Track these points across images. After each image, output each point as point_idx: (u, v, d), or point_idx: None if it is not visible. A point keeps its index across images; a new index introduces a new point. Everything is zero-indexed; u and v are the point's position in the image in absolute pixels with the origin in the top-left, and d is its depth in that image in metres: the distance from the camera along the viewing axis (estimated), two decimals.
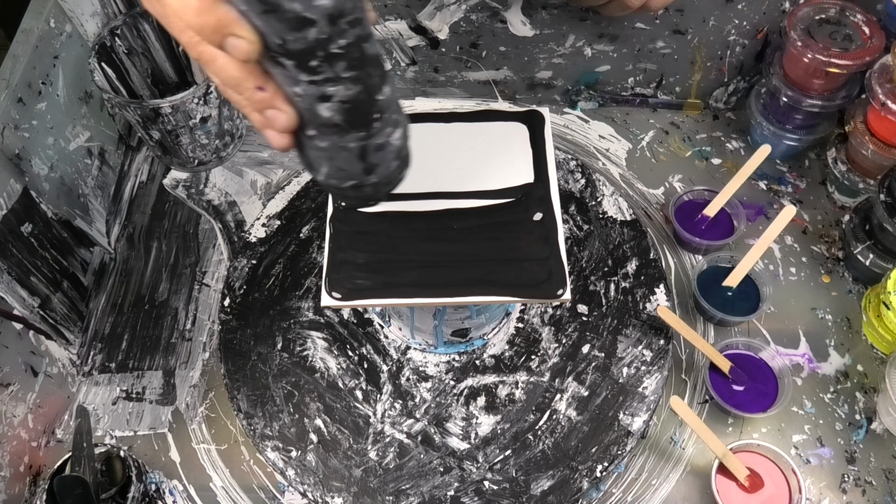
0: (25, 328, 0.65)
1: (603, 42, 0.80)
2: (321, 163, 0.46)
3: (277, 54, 0.39)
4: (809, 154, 0.82)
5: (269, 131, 0.43)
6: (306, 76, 0.40)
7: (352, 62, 0.40)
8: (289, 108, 0.42)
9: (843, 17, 0.71)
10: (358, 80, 0.41)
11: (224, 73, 0.40)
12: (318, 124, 0.43)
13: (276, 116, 0.42)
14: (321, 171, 0.47)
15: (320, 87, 0.40)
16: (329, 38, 0.38)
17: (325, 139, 0.44)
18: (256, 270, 0.72)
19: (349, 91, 0.41)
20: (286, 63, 0.39)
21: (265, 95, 0.41)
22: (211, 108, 0.76)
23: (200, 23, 0.38)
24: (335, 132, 0.43)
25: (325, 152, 0.45)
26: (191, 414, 0.68)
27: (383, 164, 0.47)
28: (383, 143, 0.45)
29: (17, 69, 0.66)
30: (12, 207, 0.64)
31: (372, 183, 0.47)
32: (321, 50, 0.38)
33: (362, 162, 0.45)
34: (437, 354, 0.67)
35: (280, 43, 0.38)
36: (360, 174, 0.46)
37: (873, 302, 0.67)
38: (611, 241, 0.73)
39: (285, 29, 0.37)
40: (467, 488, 0.61)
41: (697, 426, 0.60)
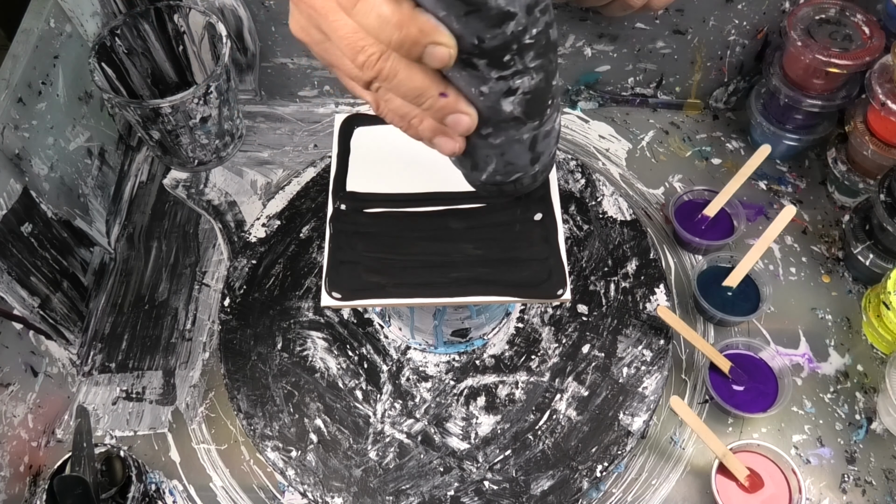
0: (25, 328, 0.65)
1: (603, 42, 0.80)
2: (490, 161, 0.44)
3: (471, 55, 0.38)
4: (809, 154, 0.82)
5: (442, 138, 0.42)
6: (497, 73, 0.38)
7: (539, 50, 0.39)
8: (472, 109, 0.41)
9: (843, 17, 0.71)
10: (542, 68, 0.40)
11: (406, 86, 0.39)
12: (498, 121, 0.41)
13: (459, 120, 0.41)
14: (487, 169, 0.45)
15: (508, 81, 0.39)
16: (525, 29, 0.37)
17: (500, 135, 0.42)
18: (256, 270, 0.72)
19: (533, 80, 0.40)
20: (478, 63, 0.38)
21: (449, 101, 0.40)
22: (211, 108, 0.76)
23: (402, 36, 0.36)
24: (513, 125, 0.42)
25: (497, 149, 0.43)
26: (191, 414, 0.68)
27: (546, 151, 0.45)
28: (549, 130, 0.44)
29: (17, 69, 0.66)
30: (12, 207, 0.64)
31: (534, 173, 0.46)
32: (516, 43, 0.37)
33: (531, 152, 0.44)
34: (437, 354, 0.67)
35: (476, 43, 0.37)
36: (526, 165, 0.45)
37: (873, 302, 0.67)
38: (611, 241, 0.73)
39: (485, 27, 0.36)
40: (467, 488, 0.61)
41: (697, 426, 0.60)
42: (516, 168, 0.45)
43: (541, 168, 0.47)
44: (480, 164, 0.45)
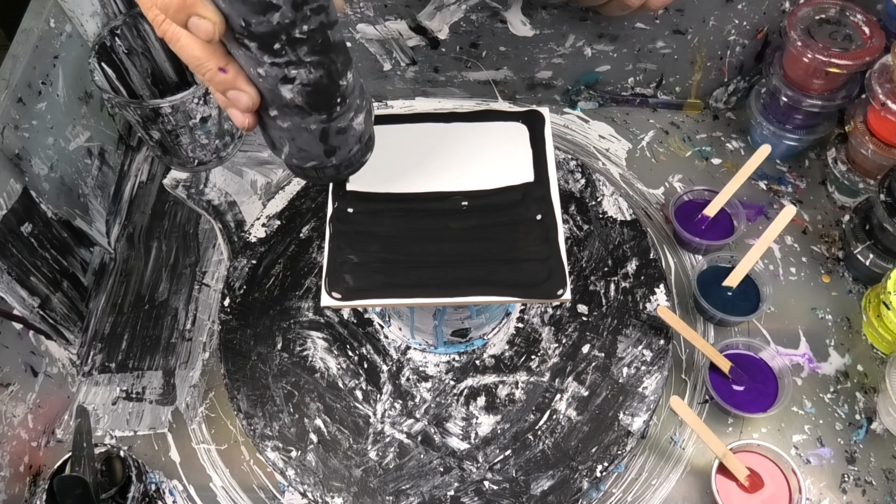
0: (25, 328, 0.65)
1: (603, 42, 0.80)
2: (283, 143, 0.47)
3: (241, 36, 0.40)
4: (809, 154, 0.82)
5: (233, 110, 0.45)
6: (269, 58, 0.41)
7: (315, 47, 0.41)
8: (251, 88, 0.43)
9: (843, 17, 0.71)
10: (321, 64, 0.42)
11: (187, 52, 0.41)
12: (281, 105, 0.44)
13: (238, 97, 0.43)
14: (283, 150, 0.48)
15: (283, 69, 0.41)
16: (292, 22, 0.39)
17: (286, 120, 0.45)
18: (256, 270, 0.72)
19: (311, 75, 0.42)
20: (250, 45, 0.40)
21: (227, 77, 0.42)
22: (211, 108, 0.76)
23: (165, 1, 0.39)
24: (297, 114, 0.44)
25: (286, 133, 0.46)
26: (191, 414, 0.68)
27: (344, 147, 0.48)
28: (345, 127, 0.47)
29: (17, 69, 0.66)
30: (12, 207, 0.64)
31: (333, 165, 0.49)
32: (284, 34, 0.40)
33: (323, 144, 0.47)
34: (437, 354, 0.67)
35: (244, 25, 0.39)
36: (321, 156, 0.48)
37: (873, 302, 0.67)
38: (611, 241, 0.73)
39: (249, 12, 0.38)
40: (467, 488, 0.61)
41: (697, 426, 0.60)
42: (310, 155, 0.48)
43: (340, 162, 0.49)
44: (276, 143, 0.48)
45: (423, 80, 0.86)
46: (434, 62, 0.84)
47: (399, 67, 0.85)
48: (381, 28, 0.80)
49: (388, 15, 0.78)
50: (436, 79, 0.86)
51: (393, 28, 0.80)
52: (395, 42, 0.82)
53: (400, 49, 0.82)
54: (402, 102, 0.88)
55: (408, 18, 0.79)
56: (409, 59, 0.84)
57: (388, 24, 0.79)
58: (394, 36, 0.81)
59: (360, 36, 0.81)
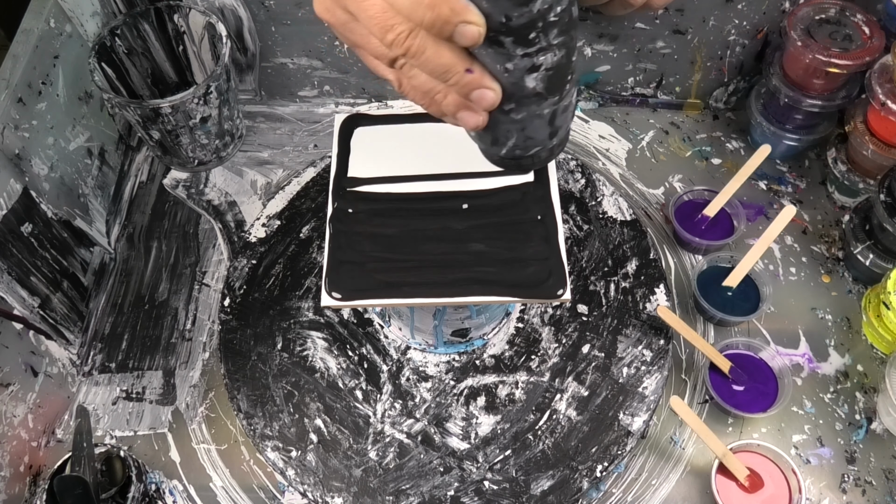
0: (25, 328, 0.65)
1: (603, 42, 0.80)
2: (511, 135, 0.45)
3: (498, 33, 0.39)
4: (809, 154, 0.82)
5: (466, 113, 0.43)
6: (522, 50, 0.39)
7: (562, 27, 0.40)
8: (497, 84, 0.42)
9: (843, 17, 0.71)
10: (564, 44, 0.41)
11: (434, 62, 0.40)
12: (521, 96, 0.42)
13: (483, 96, 0.42)
14: (507, 144, 0.46)
15: (533, 58, 0.40)
16: (550, 6, 0.38)
17: (522, 110, 0.43)
18: (256, 270, 0.72)
19: (555, 57, 0.41)
20: (505, 40, 0.39)
21: (474, 76, 0.41)
22: (211, 108, 0.76)
23: (434, 16, 0.38)
24: (535, 101, 0.43)
25: (518, 124, 0.44)
26: (191, 414, 0.68)
27: (564, 125, 0.47)
28: (568, 104, 0.45)
29: (17, 69, 0.66)
30: (12, 207, 0.64)
31: (550, 147, 0.47)
32: (542, 20, 0.38)
33: (550, 127, 0.45)
34: (437, 354, 0.67)
35: (503, 21, 0.38)
36: (545, 139, 0.46)
37: (873, 302, 0.67)
38: (611, 241, 0.73)
39: (513, 6, 0.37)
40: (467, 488, 0.61)
41: (697, 426, 0.60)
42: (535, 142, 0.46)
43: (557, 142, 0.48)
44: (501, 138, 0.46)
45: None
46: None
47: None
48: None
49: None
50: None
51: None
52: None
53: None
54: (403, 102, 0.88)
55: None
56: None
57: None
58: None
59: None
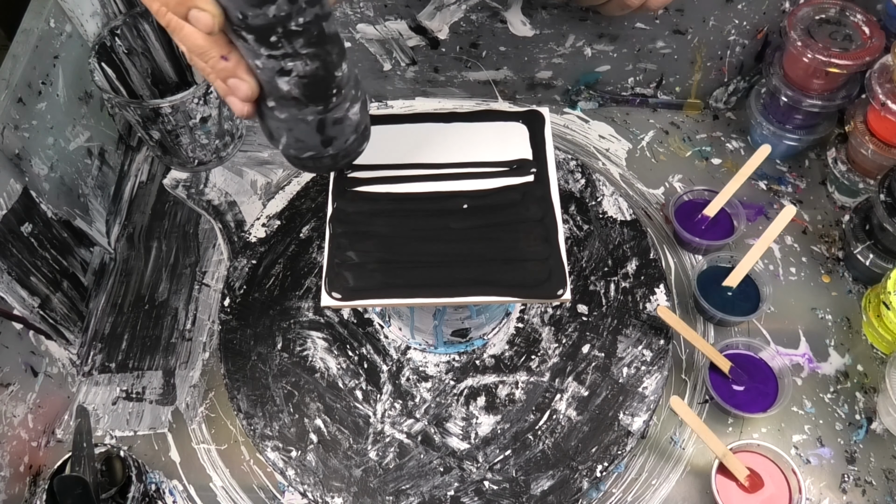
0: (25, 328, 0.65)
1: (603, 42, 0.80)
2: (281, 133, 0.48)
3: (239, 28, 0.41)
4: (809, 154, 0.82)
5: (232, 98, 0.45)
6: (266, 50, 0.42)
7: (310, 39, 0.42)
8: (250, 78, 0.44)
9: (843, 17, 0.71)
10: (316, 56, 0.43)
11: (190, 41, 0.42)
12: (278, 97, 0.45)
13: (237, 85, 0.44)
14: (281, 141, 0.49)
15: (279, 61, 0.42)
16: (288, 15, 0.40)
17: (284, 111, 0.46)
18: (256, 270, 0.72)
19: (307, 67, 0.43)
20: (247, 37, 0.41)
21: (228, 65, 0.43)
22: (211, 108, 0.76)
23: None
24: (294, 105, 0.45)
25: (284, 123, 0.47)
26: (191, 414, 0.68)
27: (341, 138, 0.49)
28: (341, 118, 0.48)
29: (17, 69, 0.66)
30: (12, 207, 0.64)
31: (330, 155, 0.50)
32: (281, 26, 0.40)
33: (320, 134, 0.48)
34: (437, 354, 0.67)
35: (241, 18, 0.40)
36: (318, 146, 0.49)
37: (873, 302, 0.67)
38: (611, 241, 0.73)
39: (246, 5, 0.39)
40: (467, 488, 0.61)
41: (697, 426, 0.60)
42: (307, 146, 0.49)
43: (336, 151, 0.50)
44: (274, 134, 0.49)
45: (423, 80, 0.86)
46: (434, 62, 0.84)
47: (399, 67, 0.85)
48: (381, 28, 0.80)
49: (388, 15, 0.78)
50: (436, 79, 0.86)
51: (393, 28, 0.80)
52: (395, 42, 0.82)
53: (400, 49, 0.82)
54: (402, 102, 0.88)
55: (408, 18, 0.79)
56: (409, 59, 0.84)
57: (388, 24, 0.79)
58: (394, 36, 0.81)
59: (360, 36, 0.81)
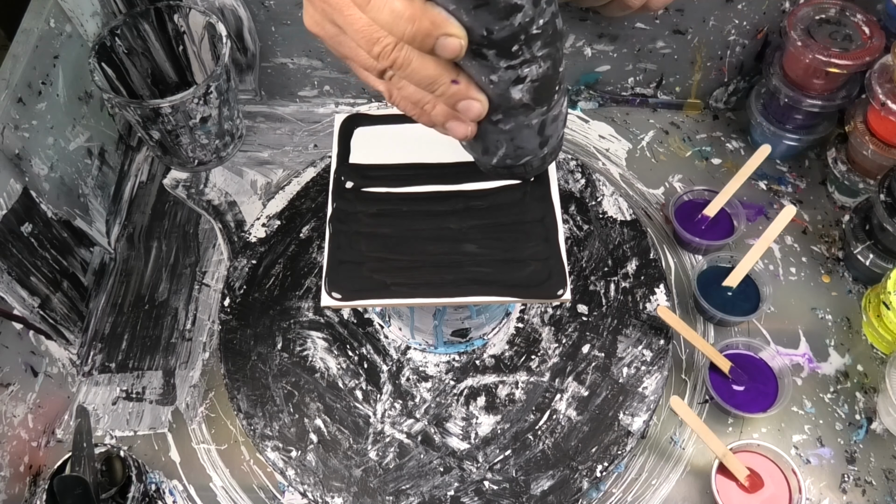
0: (25, 328, 0.65)
1: (603, 42, 0.80)
2: (501, 145, 0.46)
3: (480, 46, 0.39)
4: (809, 154, 0.82)
5: (454, 123, 0.44)
6: (505, 62, 0.40)
7: (546, 40, 0.40)
8: (482, 95, 0.42)
9: (843, 17, 0.71)
10: (549, 56, 0.41)
11: (420, 74, 0.41)
12: (508, 107, 0.43)
13: (470, 106, 0.42)
14: (498, 154, 0.47)
15: (517, 70, 0.41)
16: (532, 20, 0.39)
17: (510, 121, 0.44)
18: (256, 270, 0.72)
19: (541, 69, 0.41)
20: (488, 53, 0.39)
21: (460, 87, 0.42)
22: (211, 108, 0.76)
23: (415, 30, 0.38)
24: (522, 112, 0.43)
25: (507, 134, 0.45)
26: (191, 414, 0.68)
27: (555, 135, 0.47)
28: (557, 114, 0.46)
29: (17, 69, 0.66)
30: (12, 207, 0.64)
31: (542, 155, 0.48)
32: (524, 33, 0.39)
33: (540, 136, 0.46)
34: (437, 354, 0.67)
35: (485, 34, 0.38)
36: (535, 149, 0.47)
37: (873, 302, 0.67)
38: (611, 241, 0.73)
39: (494, 20, 0.38)
40: (467, 488, 0.61)
41: (697, 426, 0.60)
42: (526, 151, 0.47)
43: (549, 151, 0.48)
44: (491, 148, 0.47)
45: None
46: None
47: None
48: None
49: None
50: None
51: None
52: None
53: None
54: None
55: None
56: None
57: None
58: None
59: None
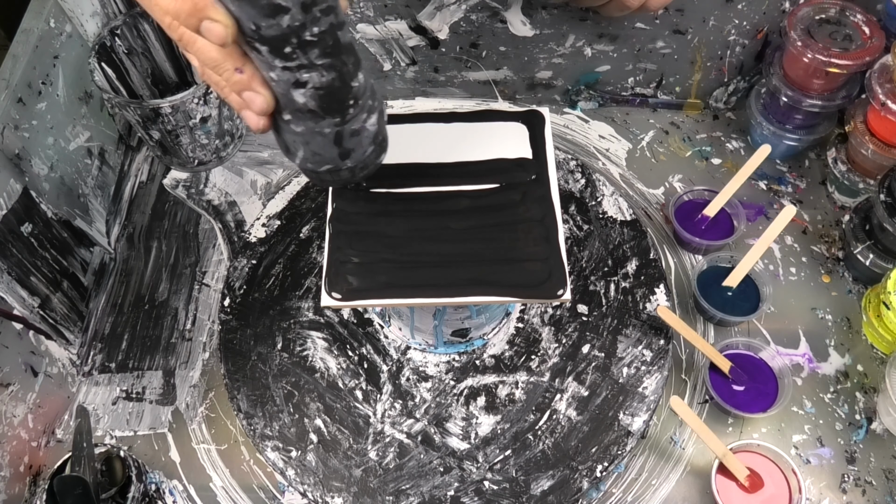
0: (25, 328, 0.65)
1: (603, 42, 0.80)
2: (297, 147, 0.47)
3: (252, 39, 0.40)
4: (809, 154, 0.82)
5: (247, 112, 0.44)
6: (281, 62, 0.40)
7: (325, 49, 0.41)
8: (266, 91, 0.43)
9: (843, 17, 0.71)
10: (332, 67, 0.42)
11: (203, 54, 0.42)
12: (294, 109, 0.44)
13: (253, 98, 0.43)
14: (298, 154, 0.48)
15: (294, 73, 0.41)
16: (302, 25, 0.39)
17: (300, 124, 0.45)
18: (256, 270, 0.72)
19: (323, 78, 0.42)
20: (261, 48, 0.40)
21: (243, 77, 0.42)
22: (211, 108, 0.76)
23: (177, 8, 0.39)
24: (310, 117, 0.44)
25: (300, 137, 0.46)
26: (191, 414, 0.68)
27: (359, 150, 0.48)
28: (358, 129, 0.46)
29: (17, 69, 0.66)
30: (12, 207, 0.64)
31: (348, 167, 0.49)
32: (295, 37, 0.39)
33: (338, 147, 0.46)
34: (437, 354, 0.67)
35: (254, 29, 0.39)
36: (335, 159, 0.48)
37: (873, 302, 0.67)
38: (611, 241, 0.73)
39: (259, 15, 0.38)
40: (467, 488, 0.61)
41: (697, 426, 0.60)
42: (324, 159, 0.48)
43: (354, 164, 0.49)
44: (291, 148, 0.48)
45: (423, 80, 0.86)
46: (434, 62, 0.84)
47: (399, 67, 0.85)
48: (381, 28, 0.80)
49: (388, 15, 0.79)
50: (436, 79, 0.86)
51: (393, 28, 0.80)
52: (395, 42, 0.82)
53: (400, 49, 0.82)
54: (402, 102, 0.88)
55: (408, 18, 0.79)
56: (409, 59, 0.84)
57: (388, 24, 0.79)
58: (394, 36, 0.81)
59: (360, 36, 0.81)
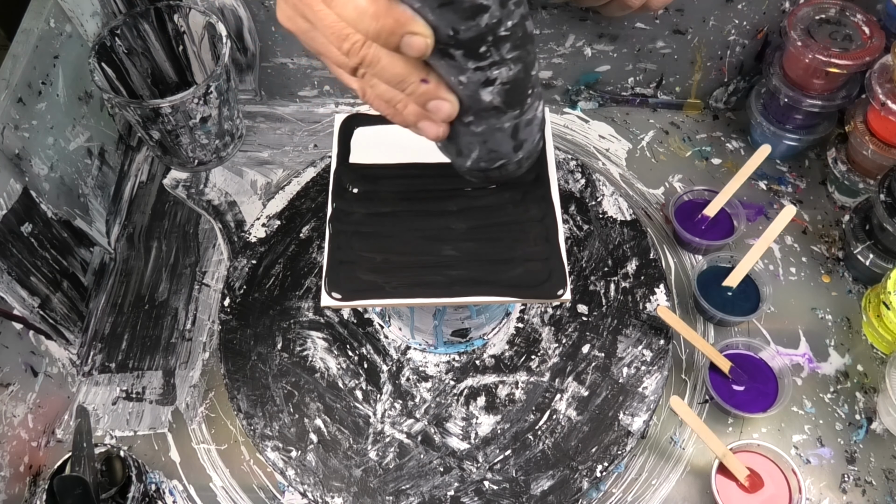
0: (25, 328, 0.65)
1: (603, 42, 0.80)
2: (473, 148, 0.46)
3: (447, 46, 0.39)
4: (809, 154, 0.82)
5: (426, 123, 0.43)
6: (474, 63, 0.40)
7: (516, 42, 0.40)
8: (452, 96, 0.42)
9: (843, 17, 0.71)
10: (520, 59, 0.41)
11: (388, 72, 0.40)
12: (478, 109, 0.43)
13: (440, 106, 0.42)
14: (471, 156, 0.46)
15: (486, 72, 0.40)
16: (499, 21, 0.38)
17: (482, 123, 0.44)
18: (256, 270, 0.72)
19: (511, 72, 0.41)
20: (455, 53, 0.39)
21: (429, 87, 0.41)
22: (211, 108, 0.76)
23: (378, 27, 0.38)
24: (493, 115, 0.43)
25: (479, 136, 0.45)
26: (191, 414, 0.68)
27: (530, 139, 0.47)
28: (531, 118, 0.45)
29: (17, 69, 0.66)
30: (12, 207, 0.64)
31: (518, 160, 0.47)
32: (491, 35, 0.39)
33: (513, 140, 0.46)
34: (437, 354, 0.67)
35: (451, 34, 0.38)
36: (510, 153, 0.47)
37: (873, 302, 0.67)
38: (611, 241, 0.73)
39: (459, 19, 0.37)
40: (467, 488, 0.61)
41: (697, 426, 0.60)
42: (499, 155, 0.47)
43: (524, 155, 0.48)
44: (464, 150, 0.46)
45: None
46: None
47: None
48: None
49: None
50: None
51: None
52: None
53: None
54: None
55: None
56: None
57: None
58: None
59: None
